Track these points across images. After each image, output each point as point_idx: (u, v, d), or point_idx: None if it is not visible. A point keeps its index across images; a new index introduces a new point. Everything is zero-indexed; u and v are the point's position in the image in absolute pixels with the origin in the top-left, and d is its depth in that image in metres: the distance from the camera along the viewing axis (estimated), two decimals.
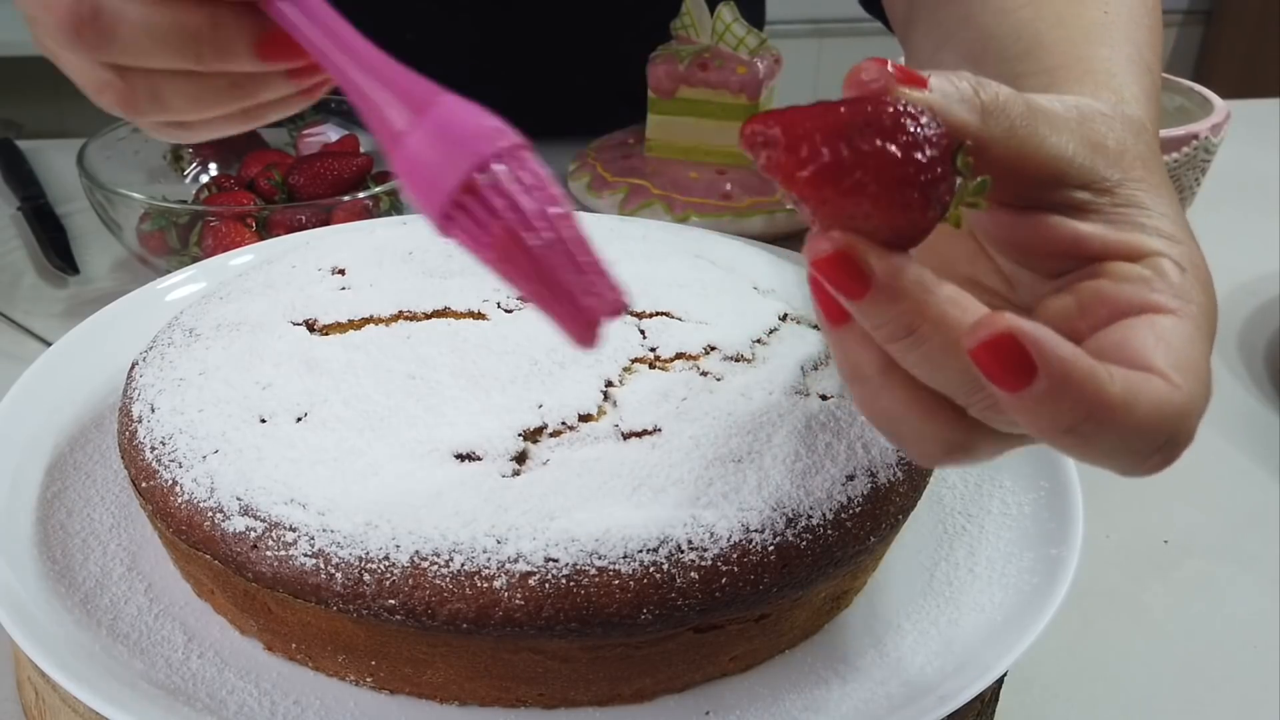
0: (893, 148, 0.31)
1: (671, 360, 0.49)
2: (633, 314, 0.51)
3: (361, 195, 0.79)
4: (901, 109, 0.31)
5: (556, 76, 1.10)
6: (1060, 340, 0.31)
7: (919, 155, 0.31)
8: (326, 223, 0.77)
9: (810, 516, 0.43)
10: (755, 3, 1.14)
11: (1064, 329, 0.33)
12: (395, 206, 0.82)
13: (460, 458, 0.44)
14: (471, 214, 0.35)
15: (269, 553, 0.42)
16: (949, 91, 0.34)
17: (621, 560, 0.41)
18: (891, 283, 0.31)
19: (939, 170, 0.31)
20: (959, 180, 0.32)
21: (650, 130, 0.94)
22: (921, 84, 0.33)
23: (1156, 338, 0.34)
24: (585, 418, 0.45)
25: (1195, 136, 0.79)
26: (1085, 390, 0.31)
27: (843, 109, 0.31)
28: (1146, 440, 0.32)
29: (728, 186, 0.91)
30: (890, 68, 0.33)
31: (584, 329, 0.34)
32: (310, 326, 0.51)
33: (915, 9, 0.59)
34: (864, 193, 0.31)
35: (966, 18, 0.52)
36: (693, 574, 0.41)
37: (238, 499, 0.43)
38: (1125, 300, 0.35)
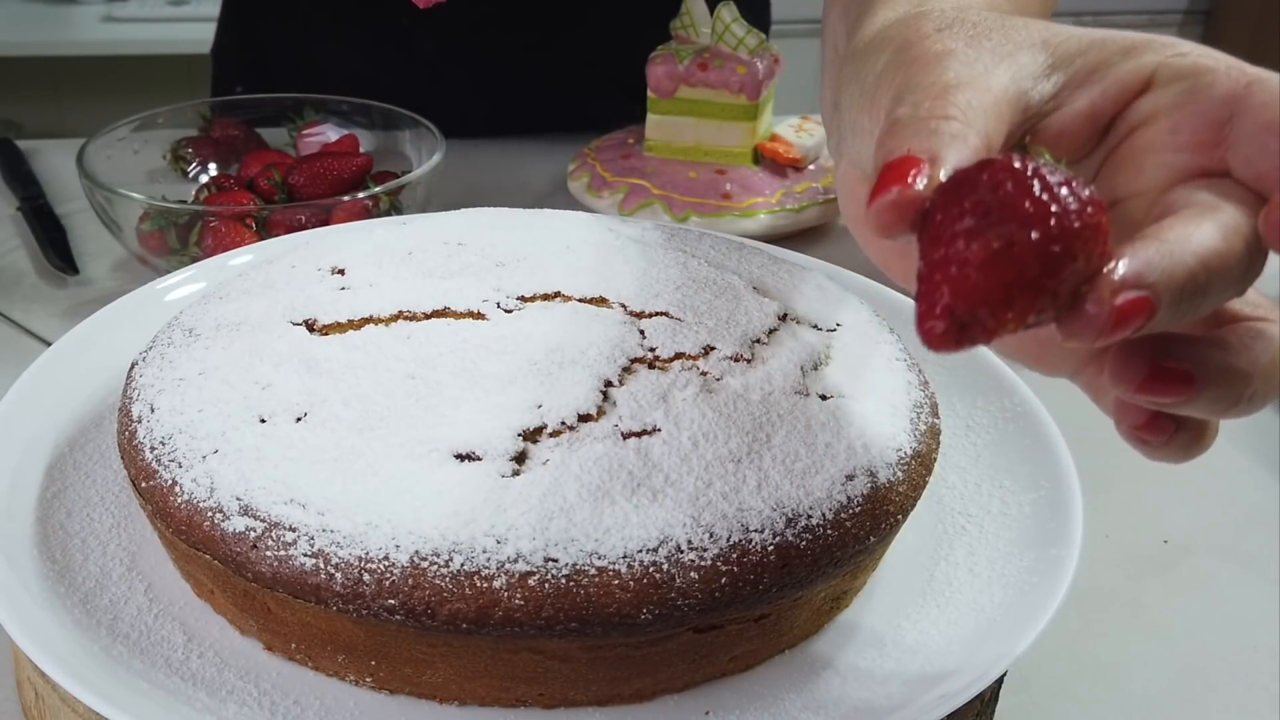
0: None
1: (671, 360, 0.49)
2: (632, 314, 0.51)
3: (361, 195, 0.79)
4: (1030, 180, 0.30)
5: (556, 75, 1.11)
6: None
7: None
8: (326, 223, 0.77)
9: (810, 516, 0.43)
10: (760, 4, 1.14)
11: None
12: (395, 206, 0.82)
13: (460, 458, 0.44)
14: None
15: (269, 553, 0.42)
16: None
17: (621, 560, 0.41)
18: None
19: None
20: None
21: (650, 130, 0.94)
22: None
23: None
24: (585, 418, 0.45)
25: None
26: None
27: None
28: None
29: (728, 186, 0.91)
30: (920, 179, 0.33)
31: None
32: (310, 326, 0.51)
33: None
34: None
35: None
36: (692, 574, 0.41)
37: (237, 499, 0.43)
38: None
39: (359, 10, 1.07)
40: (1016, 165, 0.30)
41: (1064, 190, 0.29)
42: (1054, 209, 0.29)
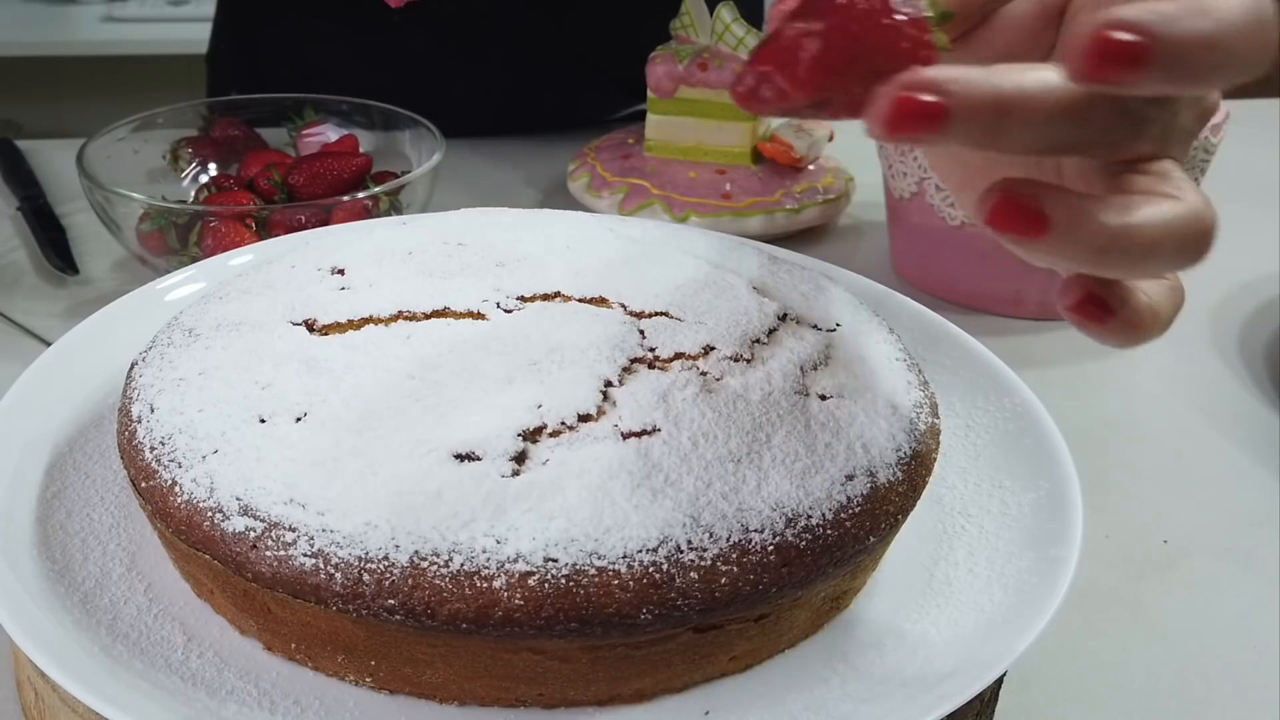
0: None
1: (670, 360, 0.49)
2: (632, 314, 0.51)
3: (361, 195, 0.79)
4: None
5: (553, 72, 1.11)
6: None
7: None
8: (326, 223, 0.77)
9: (810, 516, 0.43)
10: (756, 3, 1.15)
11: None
12: (395, 206, 0.82)
13: (460, 458, 0.44)
14: None
15: (268, 553, 0.42)
16: None
17: (621, 560, 0.41)
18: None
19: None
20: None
21: (650, 130, 0.94)
22: None
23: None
24: (585, 418, 0.45)
25: None
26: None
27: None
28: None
29: (728, 186, 0.91)
30: None
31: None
32: (310, 326, 0.51)
33: None
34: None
35: None
36: (692, 574, 0.41)
37: (237, 499, 0.43)
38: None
39: (350, 12, 1.07)
40: None
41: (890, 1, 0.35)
42: (865, 7, 0.34)
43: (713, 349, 0.49)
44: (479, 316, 0.51)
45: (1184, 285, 0.39)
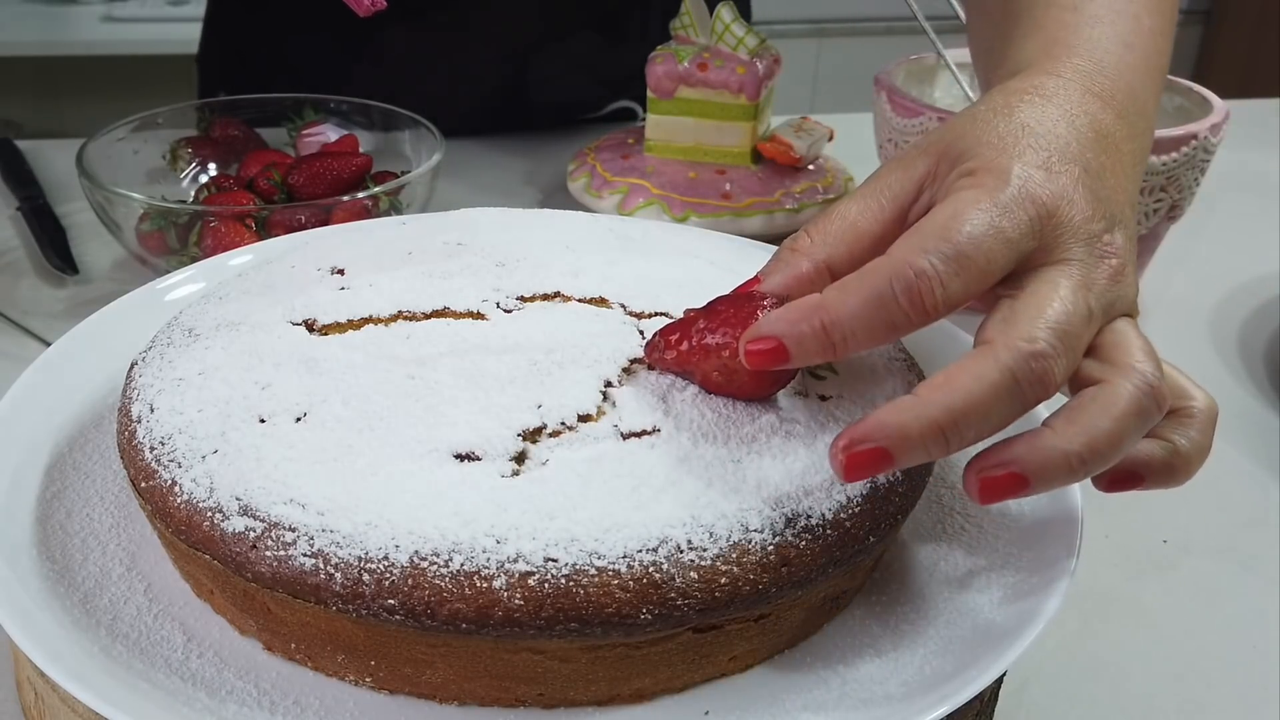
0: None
1: None
2: (632, 314, 0.51)
3: (361, 195, 0.79)
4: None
5: (557, 71, 1.10)
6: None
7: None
8: (326, 223, 0.77)
9: (810, 516, 0.43)
10: (741, 4, 1.14)
11: None
12: (394, 206, 0.82)
13: (460, 458, 0.44)
14: None
15: (268, 553, 0.42)
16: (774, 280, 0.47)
17: (621, 560, 0.41)
18: None
19: None
20: None
21: (650, 130, 0.94)
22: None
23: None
24: (584, 418, 0.45)
25: (1194, 136, 0.79)
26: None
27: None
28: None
29: (727, 186, 0.91)
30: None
31: None
32: (310, 326, 0.51)
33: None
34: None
35: None
36: (692, 574, 0.41)
37: (237, 499, 0.43)
38: None
39: (336, 11, 1.06)
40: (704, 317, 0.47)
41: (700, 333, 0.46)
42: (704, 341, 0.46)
43: None
44: (479, 316, 0.51)
45: (1211, 404, 0.45)
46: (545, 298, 0.52)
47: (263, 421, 0.45)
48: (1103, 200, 0.45)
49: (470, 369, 0.47)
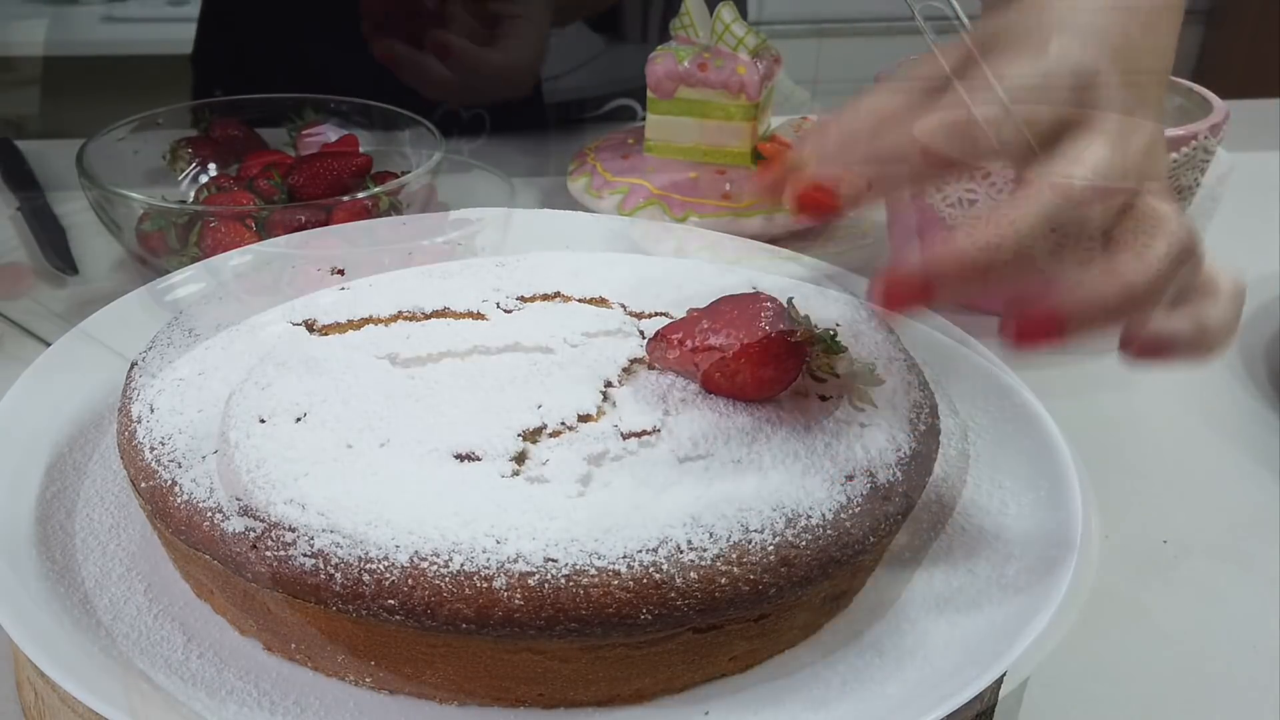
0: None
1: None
2: (632, 314, 0.51)
3: (361, 195, 0.79)
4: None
5: (557, 70, 1.10)
6: None
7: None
8: (326, 223, 0.77)
9: (810, 516, 0.43)
10: (737, 2, 1.14)
11: None
12: (394, 206, 0.82)
13: (460, 458, 0.44)
14: None
15: (268, 553, 0.42)
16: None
17: (621, 560, 0.41)
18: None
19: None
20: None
21: (650, 130, 0.94)
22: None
23: None
24: (585, 418, 0.45)
25: (1194, 136, 0.79)
26: None
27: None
28: None
29: (727, 186, 0.91)
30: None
31: None
32: (310, 326, 0.51)
33: None
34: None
35: None
36: (692, 574, 0.41)
37: (237, 499, 0.43)
38: None
39: (329, 12, 1.06)
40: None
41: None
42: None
43: None
44: (479, 316, 0.51)
45: (1239, 284, 0.46)
46: (545, 298, 0.52)
47: (263, 421, 0.45)
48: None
49: (470, 369, 0.47)
